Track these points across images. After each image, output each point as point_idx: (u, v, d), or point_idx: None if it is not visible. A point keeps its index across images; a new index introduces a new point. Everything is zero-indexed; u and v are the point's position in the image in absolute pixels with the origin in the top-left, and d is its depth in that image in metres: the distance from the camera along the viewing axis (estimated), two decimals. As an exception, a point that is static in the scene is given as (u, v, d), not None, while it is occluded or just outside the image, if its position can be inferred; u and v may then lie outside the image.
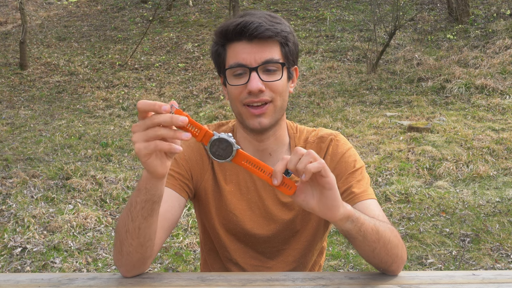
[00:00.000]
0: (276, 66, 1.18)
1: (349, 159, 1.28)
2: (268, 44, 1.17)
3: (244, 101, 1.18)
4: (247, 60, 1.15)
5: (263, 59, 1.16)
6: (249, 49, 1.16)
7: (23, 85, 9.38)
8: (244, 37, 1.16)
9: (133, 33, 12.05)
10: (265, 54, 1.16)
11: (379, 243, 1.07)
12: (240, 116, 1.22)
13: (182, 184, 1.25)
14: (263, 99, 1.16)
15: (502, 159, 5.01)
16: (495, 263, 3.23)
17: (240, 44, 1.17)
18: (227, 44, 1.20)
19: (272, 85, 1.17)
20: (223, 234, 1.32)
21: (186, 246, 3.58)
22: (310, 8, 12.29)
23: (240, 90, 1.17)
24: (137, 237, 1.05)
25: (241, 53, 1.16)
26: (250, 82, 1.15)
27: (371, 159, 5.11)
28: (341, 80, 8.47)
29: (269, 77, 1.17)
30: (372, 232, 1.06)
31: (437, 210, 4.04)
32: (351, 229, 1.03)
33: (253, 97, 1.16)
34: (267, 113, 1.18)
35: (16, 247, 3.53)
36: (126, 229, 1.04)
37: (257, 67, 1.15)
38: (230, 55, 1.19)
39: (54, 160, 5.34)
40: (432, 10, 11.29)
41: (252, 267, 1.34)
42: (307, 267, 1.38)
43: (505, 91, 7.18)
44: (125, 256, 1.09)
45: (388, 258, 1.11)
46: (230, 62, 1.18)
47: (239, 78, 1.18)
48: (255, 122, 1.18)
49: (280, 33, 1.17)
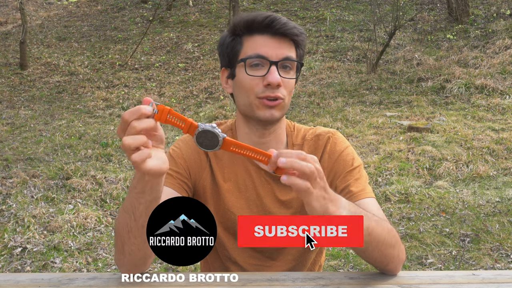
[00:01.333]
0: (292, 65, 1.19)
1: (347, 157, 1.28)
2: (288, 43, 1.18)
3: (260, 94, 1.17)
4: (269, 53, 1.16)
5: (284, 55, 1.17)
6: (271, 43, 1.17)
7: (23, 85, 9.38)
8: (270, 30, 1.16)
9: (133, 33, 12.05)
10: (285, 51, 1.17)
11: (371, 244, 1.06)
12: (250, 107, 1.20)
13: (181, 182, 1.25)
14: (278, 95, 1.17)
15: (502, 159, 5.01)
16: (495, 263, 3.23)
17: (263, 37, 1.17)
18: (245, 36, 1.20)
19: (287, 82, 1.18)
20: (222, 233, 1.32)
21: (186, 246, 3.58)
22: (310, 8, 12.30)
23: (257, 82, 1.17)
24: (140, 235, 1.05)
25: (263, 46, 1.17)
26: (270, 74, 1.15)
27: (371, 159, 5.11)
28: (341, 80, 8.48)
29: (285, 74, 1.18)
30: (365, 233, 1.05)
31: (437, 210, 4.05)
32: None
33: (269, 91, 1.16)
34: (278, 107, 1.19)
35: (16, 247, 3.53)
36: (128, 229, 1.04)
37: (278, 62, 1.16)
38: (249, 46, 1.18)
39: (54, 160, 5.35)
40: (432, 10, 11.29)
41: (251, 266, 1.34)
42: (306, 266, 1.38)
43: (505, 91, 7.18)
44: (127, 256, 1.09)
45: (383, 258, 1.10)
46: (249, 53, 1.18)
47: (257, 70, 1.17)
48: (267, 113, 1.18)
49: (302, 34, 1.20)
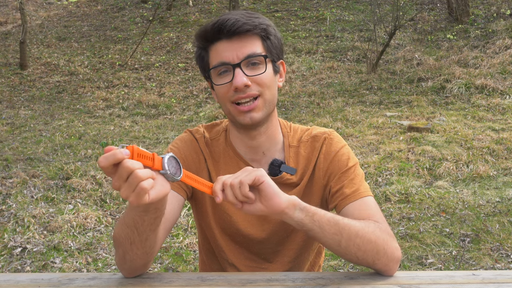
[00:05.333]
0: (259, 59, 1.17)
1: (342, 158, 1.27)
2: (248, 39, 1.16)
3: (232, 98, 1.17)
4: (229, 57, 1.15)
5: (245, 54, 1.15)
6: (229, 46, 1.16)
7: (23, 85, 9.38)
8: (223, 35, 1.15)
9: (133, 33, 12.05)
10: (246, 49, 1.16)
11: (342, 236, 1.07)
12: (230, 114, 1.21)
13: (180, 182, 1.25)
14: (251, 94, 1.16)
15: (502, 159, 5.01)
16: (495, 263, 3.23)
17: (221, 43, 1.17)
18: (208, 47, 1.20)
19: (257, 79, 1.16)
20: (219, 234, 1.32)
21: (186, 246, 3.58)
22: (310, 8, 12.29)
23: (227, 89, 1.17)
24: (143, 247, 1.06)
25: (222, 52, 1.16)
26: (234, 78, 1.14)
27: (371, 159, 5.11)
28: (341, 80, 8.48)
29: (253, 71, 1.16)
30: (330, 224, 1.06)
31: (437, 210, 4.04)
32: (303, 219, 1.04)
33: (240, 93, 1.15)
34: (257, 108, 1.17)
35: (16, 247, 3.53)
36: (131, 242, 1.04)
37: (239, 63, 1.15)
38: (213, 56, 1.19)
39: (54, 160, 5.34)
40: (432, 10, 11.29)
41: (248, 268, 1.33)
42: (303, 267, 1.37)
43: (505, 91, 7.18)
44: (128, 263, 1.10)
45: (364, 254, 1.09)
46: (213, 63, 1.18)
47: (224, 76, 1.17)
48: (246, 118, 1.18)
49: (258, 26, 1.17)
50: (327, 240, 1.08)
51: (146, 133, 6.59)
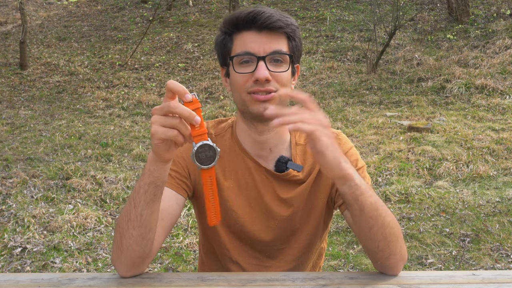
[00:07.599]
0: (283, 57, 1.18)
1: (350, 158, 1.27)
2: (277, 36, 1.17)
3: (249, 89, 1.17)
4: (255, 48, 1.16)
5: (271, 49, 1.16)
6: (258, 38, 1.16)
7: (23, 85, 9.38)
8: (255, 26, 1.16)
9: (133, 33, 12.05)
10: (274, 45, 1.16)
11: (377, 222, 1.07)
12: (243, 103, 1.20)
13: (180, 182, 1.25)
14: (269, 88, 1.16)
15: (502, 159, 5.01)
16: (495, 263, 3.23)
17: (249, 33, 1.17)
18: (234, 34, 1.20)
19: (278, 76, 1.17)
20: (222, 232, 1.31)
21: (186, 246, 3.58)
22: (310, 8, 12.29)
23: (246, 79, 1.17)
24: (139, 226, 1.06)
25: (250, 42, 1.16)
26: (257, 70, 1.14)
27: (371, 159, 5.11)
28: (341, 80, 8.48)
29: (276, 67, 1.17)
30: (371, 207, 1.06)
31: (437, 210, 4.04)
32: (348, 194, 1.05)
33: (258, 85, 1.15)
34: (272, 101, 1.17)
35: (16, 247, 3.53)
36: (128, 218, 1.06)
37: (265, 56, 1.15)
38: (238, 44, 1.19)
39: (54, 160, 5.35)
40: (432, 10, 11.29)
41: (251, 266, 1.33)
42: (306, 267, 1.37)
43: (505, 91, 7.18)
44: (124, 250, 1.08)
45: (386, 245, 1.10)
46: (237, 51, 1.18)
47: (246, 66, 1.17)
48: (260, 107, 1.17)
49: (290, 26, 1.18)
50: (362, 222, 1.09)
51: (146, 133, 6.60)
